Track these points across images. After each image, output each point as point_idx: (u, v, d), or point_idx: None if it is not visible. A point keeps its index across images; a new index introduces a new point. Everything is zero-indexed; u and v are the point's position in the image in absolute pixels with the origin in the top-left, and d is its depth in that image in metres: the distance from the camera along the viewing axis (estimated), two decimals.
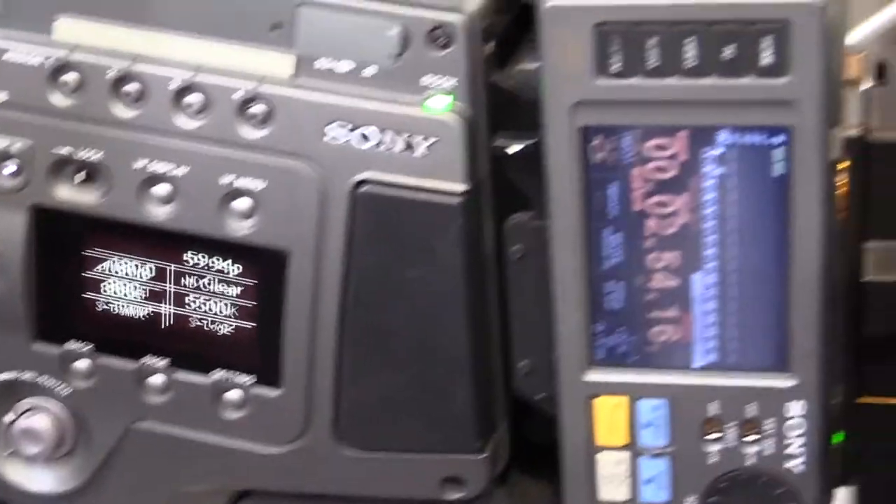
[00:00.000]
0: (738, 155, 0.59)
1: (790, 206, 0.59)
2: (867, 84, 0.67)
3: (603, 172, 0.61)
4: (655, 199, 0.61)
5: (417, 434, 0.69)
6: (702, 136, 0.59)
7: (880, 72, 0.68)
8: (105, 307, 0.70)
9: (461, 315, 0.66)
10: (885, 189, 0.64)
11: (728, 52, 0.57)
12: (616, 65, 0.58)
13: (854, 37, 0.68)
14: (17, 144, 0.68)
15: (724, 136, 0.59)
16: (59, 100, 0.67)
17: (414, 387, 0.68)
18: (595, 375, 0.64)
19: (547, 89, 0.59)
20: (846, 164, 0.62)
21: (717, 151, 0.59)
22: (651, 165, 0.60)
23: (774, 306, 0.62)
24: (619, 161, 0.60)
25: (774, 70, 0.57)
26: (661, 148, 0.60)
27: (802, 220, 0.59)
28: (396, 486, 0.71)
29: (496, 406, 0.70)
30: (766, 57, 0.57)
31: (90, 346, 0.71)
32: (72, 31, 0.67)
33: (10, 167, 0.68)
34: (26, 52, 0.67)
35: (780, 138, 0.58)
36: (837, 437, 0.67)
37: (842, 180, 0.63)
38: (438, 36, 0.63)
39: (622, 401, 0.64)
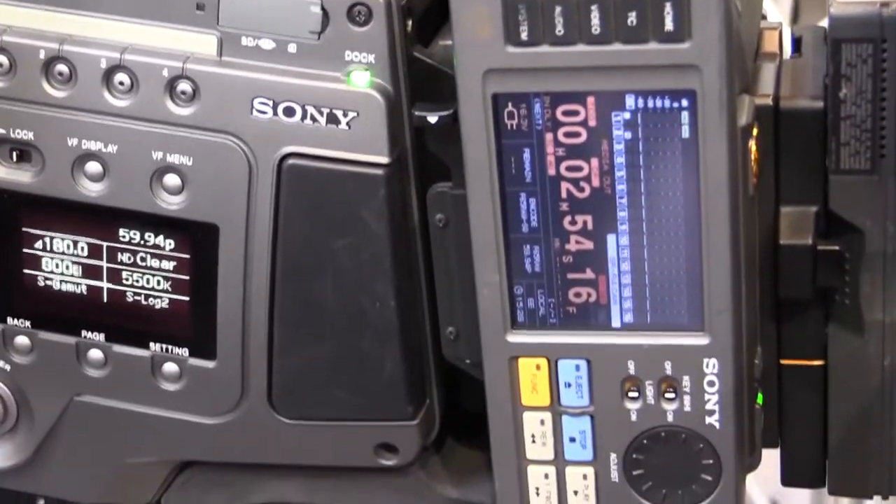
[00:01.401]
0: (646, 119, 0.60)
1: (699, 169, 0.60)
2: (784, 57, 0.68)
3: (516, 139, 0.62)
4: (568, 163, 0.62)
5: (350, 402, 0.70)
6: (610, 101, 0.60)
7: (797, 45, 0.70)
8: (43, 284, 0.71)
9: (389, 284, 0.67)
10: (795, 155, 0.66)
11: (631, 18, 0.58)
12: (524, 33, 0.59)
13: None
14: None
15: (631, 101, 0.60)
16: None
17: (345, 356, 0.69)
18: (516, 337, 0.65)
19: (459, 58, 0.60)
20: (755, 131, 0.64)
21: (625, 116, 0.60)
22: (562, 131, 0.61)
23: (688, 267, 0.62)
24: (531, 127, 0.61)
25: (676, 35, 0.58)
26: (570, 113, 0.61)
27: (711, 182, 0.60)
28: (331, 453, 0.72)
29: (427, 374, 0.71)
30: (668, 23, 0.58)
31: (29, 323, 0.72)
32: (1, 13, 0.68)
33: None
34: None
35: (686, 102, 0.59)
36: (759, 398, 0.69)
37: (753, 150, 0.64)
38: (358, 13, 0.64)
39: (543, 362, 0.65)
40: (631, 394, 0.65)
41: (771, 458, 0.73)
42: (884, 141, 0.64)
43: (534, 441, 0.67)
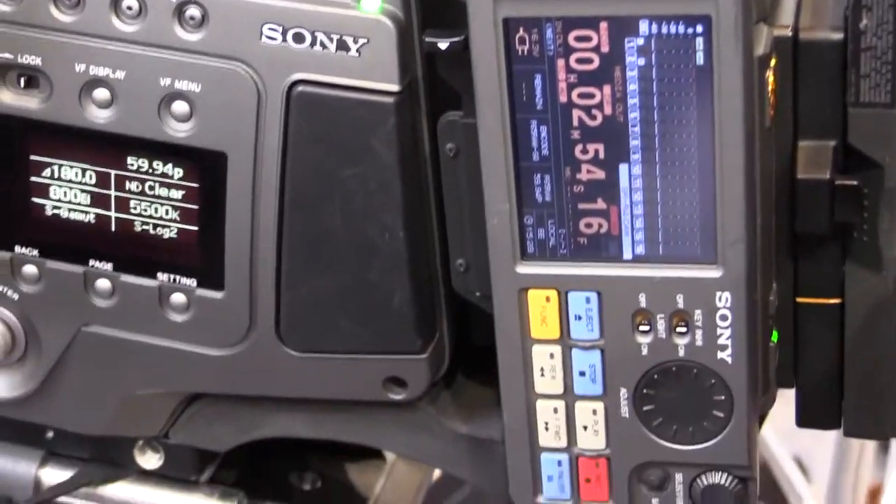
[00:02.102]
0: (660, 45, 0.59)
1: (714, 99, 0.59)
2: None
3: (527, 65, 0.61)
4: (580, 90, 0.61)
5: (358, 334, 0.70)
6: (622, 27, 0.59)
7: None
8: (51, 213, 0.71)
9: (398, 214, 0.67)
10: (814, 87, 0.65)
11: None
12: None
13: None
14: None
15: (644, 27, 0.59)
16: None
17: (353, 287, 0.68)
18: (526, 268, 0.64)
19: None
20: (773, 62, 0.63)
21: (638, 42, 0.59)
22: (574, 57, 0.60)
23: (701, 197, 0.62)
24: (542, 53, 0.60)
25: None
26: (583, 39, 0.60)
27: (726, 112, 0.59)
28: (340, 387, 0.72)
29: (436, 307, 0.70)
30: None
31: (37, 252, 0.71)
32: None
33: None
34: None
35: (700, 28, 0.58)
36: (774, 336, 0.68)
37: (770, 81, 0.62)
38: None
39: (553, 293, 0.65)
40: (642, 327, 0.64)
41: (793, 415, 0.72)
42: None
43: (543, 375, 0.66)
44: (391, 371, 0.71)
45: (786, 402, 0.72)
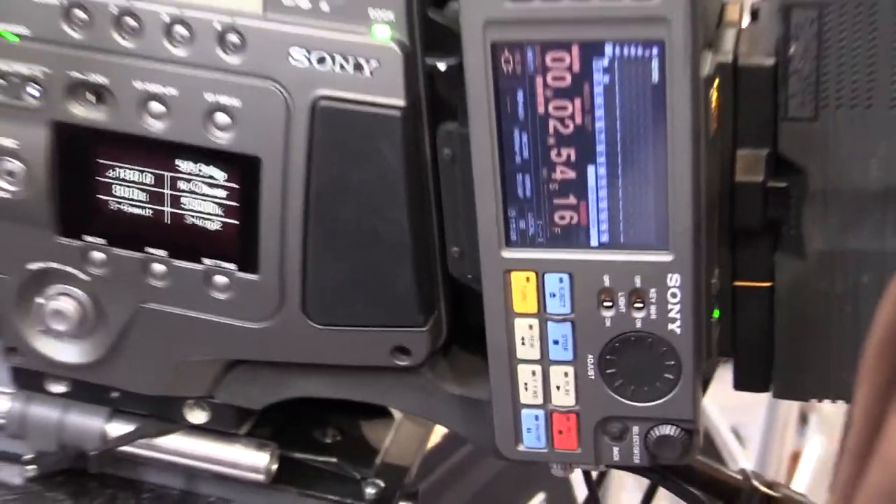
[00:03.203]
0: (621, 65, 0.58)
1: (666, 111, 0.58)
2: (740, 23, 0.66)
3: (511, 82, 0.59)
4: (555, 103, 0.59)
5: (370, 311, 0.69)
6: (591, 49, 0.58)
7: (755, 14, 0.68)
8: (115, 207, 0.69)
9: (403, 209, 0.66)
10: (750, 104, 0.63)
11: None
12: None
13: None
14: (38, 70, 0.67)
15: (609, 49, 0.58)
16: (70, 33, 0.66)
17: (366, 271, 0.67)
18: (510, 253, 0.63)
19: (464, 12, 0.58)
20: (716, 82, 0.62)
21: (603, 63, 0.58)
22: (550, 75, 0.59)
23: (656, 195, 0.60)
24: (524, 72, 0.59)
25: None
26: (558, 60, 0.58)
27: (676, 123, 0.58)
28: (355, 354, 0.70)
29: (435, 288, 0.69)
30: None
31: (103, 240, 0.70)
32: None
33: (33, 90, 0.68)
34: None
35: (656, 51, 0.57)
36: (715, 313, 0.66)
37: (714, 98, 0.62)
38: None
39: (532, 275, 0.63)
40: (606, 303, 0.63)
41: (731, 389, 0.72)
42: (825, 93, 0.62)
43: (523, 344, 0.65)
44: (397, 341, 0.69)
45: (725, 383, 0.71)
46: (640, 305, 0.63)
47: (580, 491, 1.21)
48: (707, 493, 0.80)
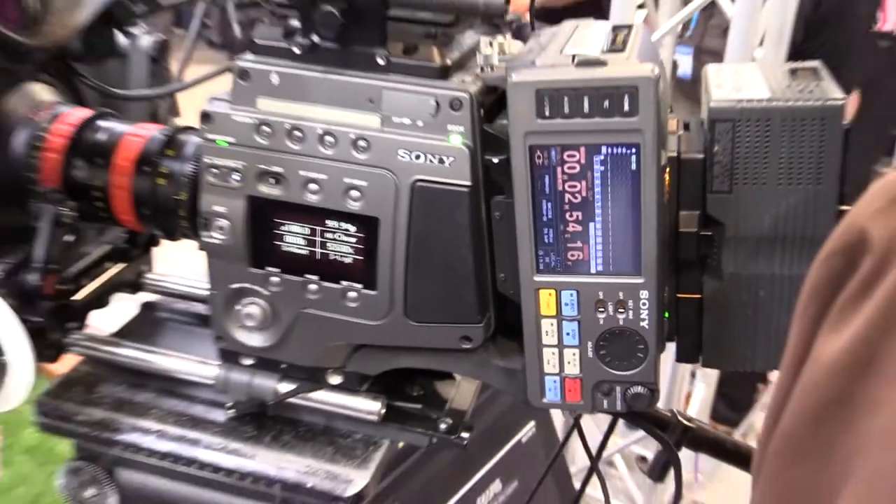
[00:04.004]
0: (612, 159, 0.57)
1: (640, 186, 0.57)
2: (679, 132, 0.65)
3: (541, 170, 0.58)
4: (569, 183, 0.58)
5: (447, 314, 0.67)
6: (592, 150, 0.57)
7: (686, 126, 0.66)
8: (285, 249, 0.68)
9: (469, 249, 0.64)
10: (688, 182, 0.62)
11: (605, 103, 0.55)
12: (546, 112, 0.56)
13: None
14: (239, 164, 0.67)
15: (605, 149, 0.57)
16: (259, 140, 0.65)
17: (445, 289, 0.66)
18: (539, 278, 0.61)
19: (511, 126, 0.57)
20: (668, 169, 0.61)
21: (601, 157, 0.57)
22: (566, 165, 0.58)
23: (633, 239, 0.59)
24: (549, 164, 0.58)
25: (630, 112, 0.55)
26: (571, 156, 0.57)
27: (646, 193, 0.57)
28: (437, 341, 0.69)
29: (488, 299, 0.67)
30: (626, 106, 0.55)
31: (278, 269, 0.69)
32: (265, 104, 0.65)
33: (236, 176, 0.67)
34: (244, 115, 0.66)
35: (634, 150, 0.56)
36: (667, 314, 0.65)
37: (667, 178, 0.61)
38: (455, 104, 0.61)
39: (553, 291, 0.62)
40: (600, 309, 0.61)
41: None
42: (737, 175, 0.60)
43: (546, 334, 0.63)
44: (464, 332, 0.68)
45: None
46: (622, 311, 0.61)
47: (557, 421, 1.20)
48: (651, 425, 0.79)
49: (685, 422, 0.85)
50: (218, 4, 0.92)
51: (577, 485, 1.03)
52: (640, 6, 1.92)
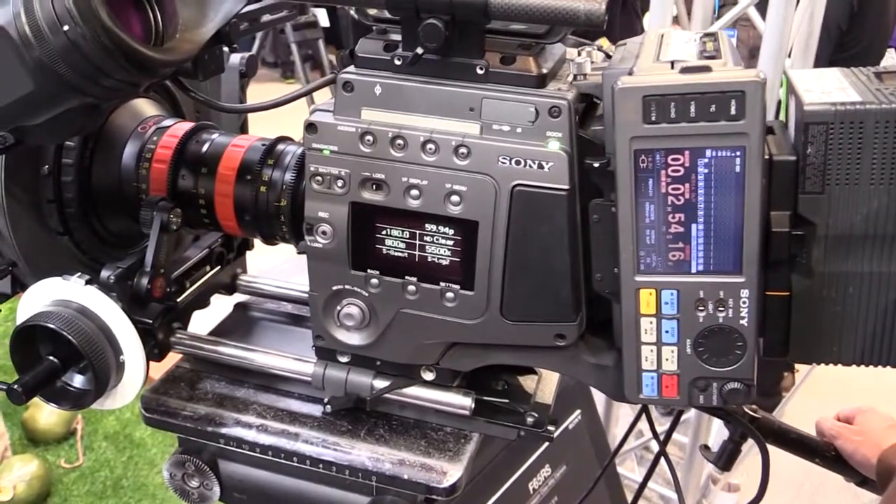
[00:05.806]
0: (717, 161, 0.54)
1: (745, 188, 0.55)
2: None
3: (645, 173, 0.56)
4: (672, 185, 0.56)
5: (542, 312, 0.64)
6: (697, 153, 0.54)
7: (770, 130, 0.63)
8: (385, 252, 0.66)
9: (566, 251, 0.62)
10: (780, 183, 0.59)
11: (712, 107, 0.52)
12: (652, 116, 0.54)
13: None
14: (343, 171, 0.64)
15: (709, 152, 0.54)
16: (363, 148, 0.63)
17: (540, 288, 0.63)
18: (639, 277, 0.59)
19: (617, 131, 0.55)
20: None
21: (705, 160, 0.54)
22: (670, 168, 0.55)
23: (735, 239, 0.56)
24: (653, 167, 0.56)
25: (737, 116, 0.52)
26: (675, 160, 0.55)
27: (750, 195, 0.55)
28: (531, 338, 0.66)
29: (581, 299, 0.65)
30: (732, 110, 0.52)
31: (378, 272, 0.67)
32: (368, 114, 0.63)
33: (340, 182, 0.65)
34: (348, 125, 0.63)
35: (739, 153, 0.54)
36: None
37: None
38: (553, 111, 0.59)
39: (653, 291, 0.59)
40: (700, 308, 0.59)
41: None
42: (828, 176, 0.57)
43: (646, 332, 0.60)
44: (558, 330, 0.65)
45: None
46: (722, 309, 0.58)
47: (600, 408, 1.16)
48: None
49: (751, 413, 0.82)
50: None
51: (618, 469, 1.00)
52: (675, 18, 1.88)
